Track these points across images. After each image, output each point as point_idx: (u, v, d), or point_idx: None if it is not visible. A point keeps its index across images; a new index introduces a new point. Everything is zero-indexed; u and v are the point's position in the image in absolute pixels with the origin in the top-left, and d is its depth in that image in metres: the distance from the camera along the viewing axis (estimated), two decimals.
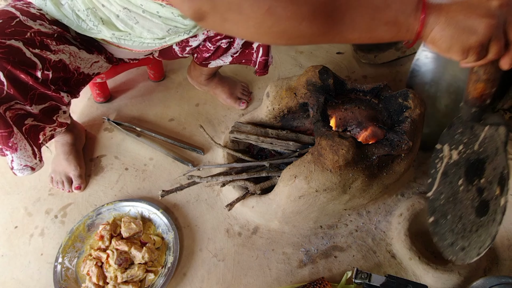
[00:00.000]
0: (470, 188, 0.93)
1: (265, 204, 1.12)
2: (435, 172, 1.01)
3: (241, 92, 1.50)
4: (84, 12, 0.95)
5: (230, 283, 1.07)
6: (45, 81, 0.92)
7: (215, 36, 1.08)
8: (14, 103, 0.88)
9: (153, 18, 0.97)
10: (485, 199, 0.94)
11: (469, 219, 0.95)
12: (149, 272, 1.06)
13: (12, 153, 0.94)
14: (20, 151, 0.95)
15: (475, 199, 0.95)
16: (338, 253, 1.12)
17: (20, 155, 0.96)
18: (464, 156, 0.99)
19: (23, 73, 0.86)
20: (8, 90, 0.85)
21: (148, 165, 1.33)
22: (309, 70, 1.13)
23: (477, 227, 0.93)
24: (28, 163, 0.99)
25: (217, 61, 1.22)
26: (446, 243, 0.98)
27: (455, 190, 1.00)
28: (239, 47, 1.14)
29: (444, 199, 1.00)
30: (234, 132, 1.22)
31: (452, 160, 1.01)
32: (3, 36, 0.83)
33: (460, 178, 1.00)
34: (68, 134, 1.26)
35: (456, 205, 0.98)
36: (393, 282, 0.91)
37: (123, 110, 1.49)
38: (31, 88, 0.89)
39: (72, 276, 1.06)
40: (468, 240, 0.94)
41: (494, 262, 1.09)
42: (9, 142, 0.91)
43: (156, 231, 1.16)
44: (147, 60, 1.40)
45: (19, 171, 1.00)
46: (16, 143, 0.92)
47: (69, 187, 1.24)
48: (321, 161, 0.99)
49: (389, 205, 1.20)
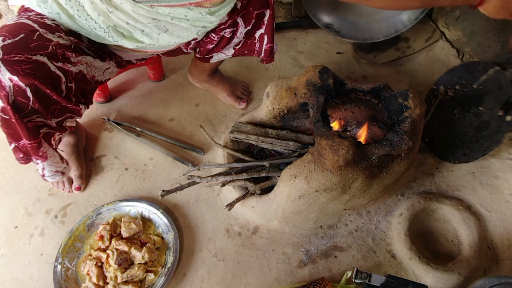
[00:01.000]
0: (467, 114, 1.19)
1: (265, 204, 1.12)
2: (429, 106, 1.26)
3: (242, 91, 1.50)
4: (103, 29, 0.95)
5: (230, 283, 1.07)
6: (69, 94, 0.94)
7: (219, 26, 1.09)
8: (35, 117, 0.91)
9: (182, 23, 0.98)
10: (485, 119, 1.20)
11: (467, 135, 1.22)
12: (149, 272, 1.06)
13: (43, 162, 1.00)
14: (50, 159, 1.01)
15: (472, 121, 1.22)
16: (338, 253, 1.12)
17: (51, 162, 1.02)
18: (461, 93, 1.20)
19: (49, 88, 0.88)
20: (33, 105, 0.87)
21: (148, 165, 1.33)
22: (309, 70, 1.13)
23: (477, 138, 1.21)
24: (58, 168, 1.05)
25: (219, 54, 1.22)
26: (446, 153, 1.25)
27: (449, 118, 1.26)
28: (242, 36, 1.14)
29: (438, 125, 1.28)
30: (234, 132, 1.22)
31: (447, 96, 1.28)
32: (29, 51, 0.84)
33: (455, 109, 1.25)
34: (70, 135, 1.26)
35: (452, 128, 1.23)
36: (393, 282, 0.91)
37: (123, 110, 1.49)
38: (54, 102, 0.92)
39: (72, 276, 1.06)
40: (469, 148, 1.22)
41: (494, 262, 1.09)
42: (39, 152, 0.96)
43: (156, 231, 1.16)
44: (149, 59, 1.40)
45: (51, 177, 1.06)
46: (46, 151, 0.98)
47: (70, 187, 1.24)
48: (321, 161, 0.99)
49: (389, 205, 1.20)
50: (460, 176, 1.26)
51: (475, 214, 1.16)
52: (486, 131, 1.22)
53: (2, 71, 0.81)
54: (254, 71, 1.64)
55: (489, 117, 1.22)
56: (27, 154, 1.01)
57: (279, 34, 1.80)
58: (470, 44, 1.54)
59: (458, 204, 1.15)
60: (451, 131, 1.26)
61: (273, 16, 1.10)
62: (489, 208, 1.18)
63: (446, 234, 1.14)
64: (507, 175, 1.24)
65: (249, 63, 1.68)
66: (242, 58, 1.69)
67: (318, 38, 1.77)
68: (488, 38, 1.43)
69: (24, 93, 0.84)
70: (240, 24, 1.09)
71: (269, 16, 1.09)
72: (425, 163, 1.30)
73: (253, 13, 1.07)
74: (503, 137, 1.17)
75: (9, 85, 0.82)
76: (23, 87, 0.83)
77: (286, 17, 1.90)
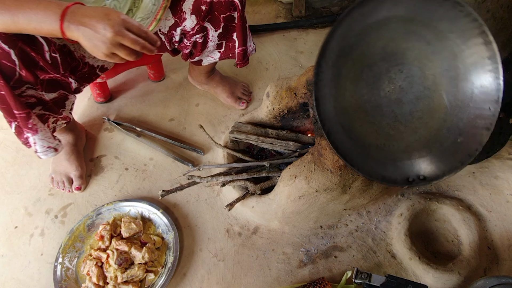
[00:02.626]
0: None
1: (265, 204, 1.12)
2: None
3: (242, 92, 1.50)
4: None
5: (230, 283, 1.07)
6: (55, 63, 0.92)
7: (189, 32, 1.09)
8: (26, 88, 0.89)
9: None
10: None
11: None
12: (149, 272, 1.06)
13: (34, 135, 0.98)
14: (40, 132, 0.98)
15: None
16: (338, 253, 1.12)
17: (42, 136, 0.99)
18: None
19: (33, 51, 0.86)
20: (20, 70, 0.85)
21: (148, 165, 1.33)
22: (309, 70, 1.13)
23: None
24: (50, 144, 1.03)
25: (206, 58, 1.22)
26: None
27: None
28: (216, 39, 1.13)
29: None
30: (234, 132, 1.22)
31: None
32: None
33: None
34: (69, 134, 1.26)
35: None
36: (393, 282, 0.91)
37: (123, 110, 1.49)
38: (41, 69, 0.90)
39: (72, 276, 1.06)
40: None
41: (494, 262, 1.09)
42: (29, 124, 0.94)
43: (156, 231, 1.16)
44: (147, 59, 1.40)
45: (43, 153, 1.03)
46: (36, 124, 0.96)
47: (70, 187, 1.24)
48: (321, 161, 0.99)
49: (389, 205, 1.20)
50: (460, 176, 1.26)
51: (475, 214, 1.16)
52: None
53: None
54: (254, 71, 1.64)
55: None
56: None
57: (279, 34, 1.81)
58: None
59: (458, 204, 1.15)
60: None
61: (242, 18, 1.09)
62: (489, 208, 1.18)
63: (446, 234, 1.14)
64: (507, 175, 1.24)
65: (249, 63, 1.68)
66: None
67: (318, 38, 1.77)
68: None
69: (8, 56, 0.83)
70: (209, 28, 1.09)
71: (238, 18, 1.08)
72: None
73: (220, 16, 1.06)
74: (507, 140, 1.16)
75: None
76: (6, 49, 0.82)
77: (286, 17, 1.91)
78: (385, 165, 0.91)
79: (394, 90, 0.92)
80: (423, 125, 0.92)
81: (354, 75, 0.91)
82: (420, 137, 0.92)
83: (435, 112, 0.91)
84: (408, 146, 0.91)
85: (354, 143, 0.90)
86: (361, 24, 0.88)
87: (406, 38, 0.90)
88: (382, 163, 0.91)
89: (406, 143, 0.92)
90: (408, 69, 0.92)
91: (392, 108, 0.92)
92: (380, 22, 0.89)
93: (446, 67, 0.89)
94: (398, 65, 0.91)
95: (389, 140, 0.92)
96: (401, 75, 0.92)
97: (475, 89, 0.86)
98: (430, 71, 0.91)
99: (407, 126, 0.92)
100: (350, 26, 0.87)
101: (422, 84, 0.92)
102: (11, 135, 1.41)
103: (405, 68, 0.92)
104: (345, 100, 0.91)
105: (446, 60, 0.89)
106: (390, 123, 0.92)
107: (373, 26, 0.89)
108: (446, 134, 0.90)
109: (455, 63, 0.88)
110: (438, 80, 0.91)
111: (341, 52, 0.88)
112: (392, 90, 0.92)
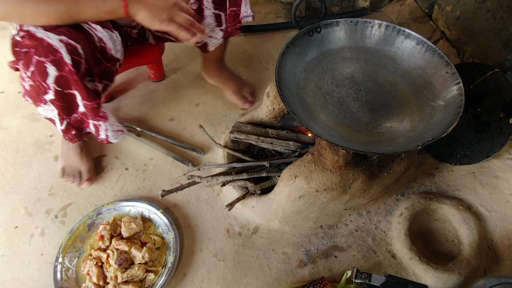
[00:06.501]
0: (464, 115, 1.14)
1: (265, 204, 1.12)
2: None
3: (248, 92, 1.50)
4: None
5: (230, 283, 1.07)
6: (104, 54, 0.98)
7: None
8: (88, 80, 0.94)
9: None
10: (485, 121, 1.23)
11: (466, 135, 1.25)
12: (149, 272, 1.06)
13: (105, 122, 1.03)
14: (110, 118, 1.04)
15: (471, 122, 1.25)
16: (338, 253, 1.12)
17: (111, 122, 1.05)
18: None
19: (92, 45, 0.92)
20: (85, 64, 0.90)
21: (148, 165, 1.33)
22: None
23: (477, 139, 1.24)
24: (119, 127, 1.09)
25: (211, 40, 1.21)
26: (445, 154, 1.28)
27: None
28: (212, 6, 1.11)
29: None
30: (234, 132, 1.22)
31: None
32: None
33: None
34: None
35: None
36: (393, 282, 0.90)
37: (123, 110, 1.49)
38: (97, 61, 0.95)
39: (72, 276, 1.06)
40: (469, 149, 1.25)
41: (494, 262, 1.09)
42: (100, 113, 1.00)
43: (156, 231, 1.16)
44: (147, 59, 1.40)
45: (114, 137, 1.09)
46: (105, 111, 1.01)
47: (80, 180, 1.25)
48: (322, 161, 1.00)
49: (389, 205, 1.20)
50: (460, 176, 1.26)
51: (475, 214, 1.16)
52: (487, 133, 1.22)
53: (51, 37, 0.85)
54: (254, 71, 1.64)
55: (489, 119, 1.23)
56: (79, 128, 1.05)
57: (279, 34, 1.81)
58: (470, 44, 1.54)
59: (458, 204, 1.15)
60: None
61: None
62: (489, 208, 1.18)
63: (446, 234, 1.14)
64: (507, 175, 1.24)
65: (249, 63, 1.68)
66: (242, 58, 1.69)
67: None
68: (489, 38, 1.43)
69: (76, 51, 0.88)
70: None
71: None
72: (425, 163, 1.30)
73: None
74: (507, 140, 1.19)
75: (61, 46, 0.86)
76: (74, 44, 0.87)
77: (286, 17, 1.91)
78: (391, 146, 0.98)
79: (362, 104, 1.03)
80: (405, 113, 1.01)
81: (320, 101, 1.02)
82: (407, 124, 0.99)
83: (407, 101, 1.03)
84: (402, 134, 0.97)
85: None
86: (301, 62, 1.06)
87: (347, 64, 1.10)
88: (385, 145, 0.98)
89: (399, 133, 0.97)
90: (364, 86, 1.07)
91: (371, 116, 1.00)
92: (317, 58, 1.08)
93: (392, 70, 1.09)
94: (354, 86, 1.06)
95: (383, 136, 0.97)
96: (362, 92, 1.05)
97: (420, 67, 1.06)
98: (382, 79, 1.08)
99: (393, 121, 0.99)
100: (294, 63, 1.03)
101: (383, 90, 1.06)
102: (11, 135, 1.41)
103: (361, 86, 1.06)
104: (322, 120, 0.98)
105: (388, 65, 1.09)
106: (376, 125, 0.99)
107: (312, 62, 1.07)
108: (428, 101, 1.02)
109: (394, 64, 1.09)
110: (393, 81, 1.07)
111: (297, 85, 1.02)
112: (361, 105, 1.03)
